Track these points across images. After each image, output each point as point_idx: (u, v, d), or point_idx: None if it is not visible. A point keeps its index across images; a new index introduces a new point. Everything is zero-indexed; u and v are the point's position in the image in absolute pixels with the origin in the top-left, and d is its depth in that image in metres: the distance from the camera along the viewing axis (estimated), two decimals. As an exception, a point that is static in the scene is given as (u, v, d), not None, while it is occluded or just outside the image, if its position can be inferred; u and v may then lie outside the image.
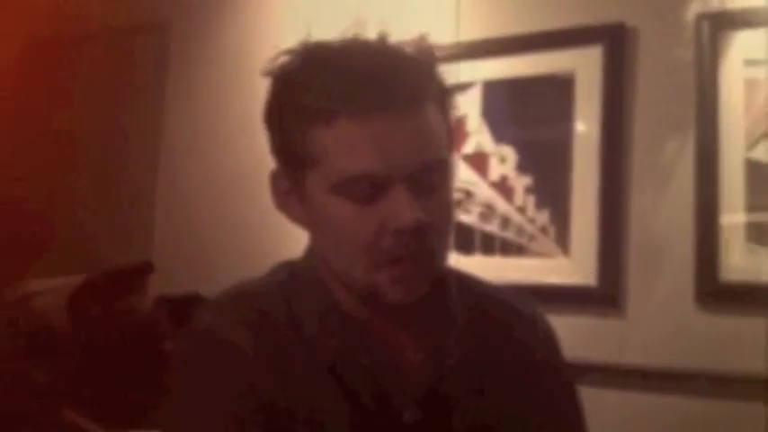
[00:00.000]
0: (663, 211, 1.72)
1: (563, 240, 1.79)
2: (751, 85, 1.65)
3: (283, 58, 0.87)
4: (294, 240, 1.02)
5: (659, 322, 1.68)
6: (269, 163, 0.92)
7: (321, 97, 0.82)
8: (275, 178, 0.90)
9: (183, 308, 1.77)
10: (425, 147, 0.83)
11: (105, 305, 1.67)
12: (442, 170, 0.85)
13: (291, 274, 0.92)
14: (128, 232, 2.33)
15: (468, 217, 1.89)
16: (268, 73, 0.87)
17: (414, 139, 0.82)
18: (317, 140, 0.83)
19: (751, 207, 1.63)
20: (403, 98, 0.82)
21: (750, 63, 1.66)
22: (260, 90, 0.91)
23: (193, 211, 2.30)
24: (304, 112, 0.84)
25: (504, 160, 1.89)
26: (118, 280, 1.70)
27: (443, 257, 0.88)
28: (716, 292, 1.63)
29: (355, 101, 0.81)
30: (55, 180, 2.42)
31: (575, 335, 1.65)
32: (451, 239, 0.91)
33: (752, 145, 1.64)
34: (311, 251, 0.92)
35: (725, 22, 1.68)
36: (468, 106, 1.91)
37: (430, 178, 0.84)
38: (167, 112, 2.38)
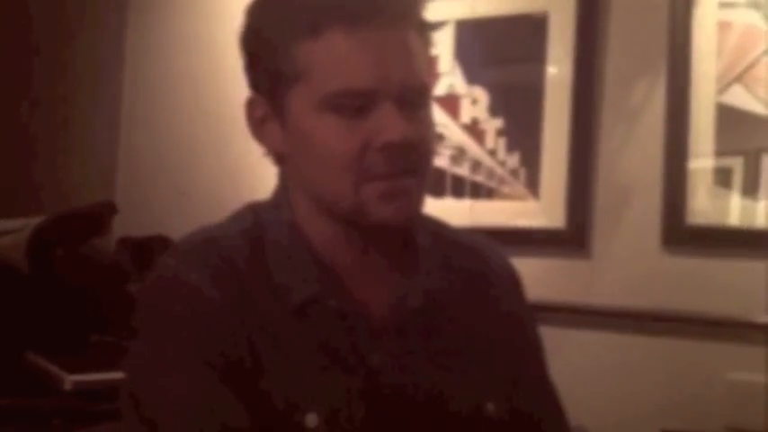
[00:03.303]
0: (632, 155, 1.72)
1: (533, 183, 1.79)
2: (724, 27, 1.64)
3: None
4: (261, 181, 0.99)
5: (626, 264, 1.70)
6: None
7: (307, 8, 0.80)
8: (251, 105, 0.87)
9: (146, 250, 1.75)
10: (413, 65, 0.82)
11: (67, 246, 1.63)
12: (426, 93, 0.84)
13: (257, 217, 0.90)
14: (89, 173, 2.28)
15: (438, 160, 1.87)
16: None
17: (402, 55, 0.81)
18: (303, 54, 0.81)
19: (719, 151, 1.63)
20: (391, 11, 0.80)
21: (724, 5, 1.64)
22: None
23: (157, 151, 2.25)
24: (288, 24, 0.81)
25: (475, 102, 1.86)
26: (80, 221, 1.66)
27: (427, 181, 0.86)
28: (682, 234, 1.64)
29: (344, 10, 0.79)
30: (14, 122, 2.35)
31: (543, 276, 1.67)
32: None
33: (723, 89, 1.63)
34: (281, 190, 0.90)
35: (700, -37, 1.65)
36: (441, 46, 1.88)
37: (415, 98, 0.82)
38: (129, 50, 2.31)
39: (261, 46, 0.84)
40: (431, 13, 2.07)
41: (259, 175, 0.98)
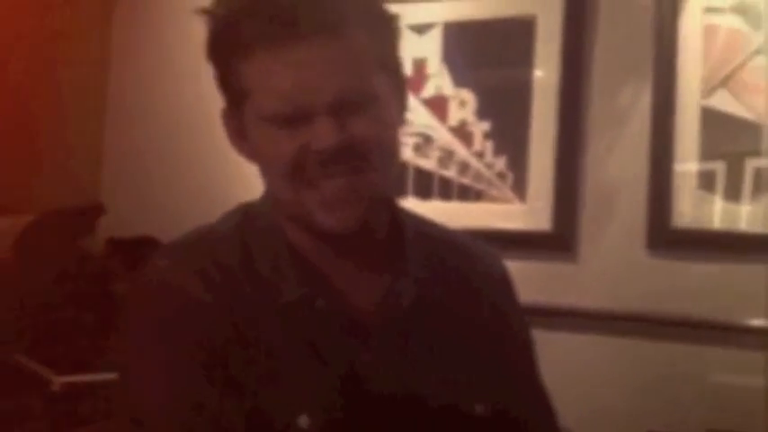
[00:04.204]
0: (618, 158, 1.73)
1: (520, 186, 1.80)
2: (710, 32, 1.65)
3: None
4: (247, 181, 1.00)
5: (611, 267, 1.71)
6: (220, 99, 0.90)
7: (238, 31, 0.82)
8: (224, 116, 0.90)
9: (135, 251, 1.74)
10: (347, 71, 0.82)
11: (55, 247, 1.63)
12: (367, 96, 0.83)
13: (245, 218, 0.91)
14: (75, 173, 2.26)
15: (426, 162, 1.88)
16: (199, 11, 0.87)
17: (333, 64, 0.81)
18: (243, 74, 0.84)
19: (704, 155, 1.65)
20: (316, 25, 0.80)
21: (710, 10, 1.66)
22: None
23: (143, 151, 2.24)
24: (228, 47, 0.84)
25: (463, 104, 1.87)
26: (67, 221, 1.66)
27: (380, 179, 0.85)
28: (667, 237, 1.66)
29: (267, 32, 0.80)
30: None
31: (530, 279, 1.66)
32: (395, 166, 0.88)
33: (708, 93, 1.65)
34: (267, 192, 0.91)
35: (686, -32, 1.67)
36: (429, 48, 1.89)
37: (356, 101, 0.82)
38: (114, 46, 2.30)
39: (214, 64, 0.87)
40: (419, 16, 2.07)
41: (250, 175, 0.98)
